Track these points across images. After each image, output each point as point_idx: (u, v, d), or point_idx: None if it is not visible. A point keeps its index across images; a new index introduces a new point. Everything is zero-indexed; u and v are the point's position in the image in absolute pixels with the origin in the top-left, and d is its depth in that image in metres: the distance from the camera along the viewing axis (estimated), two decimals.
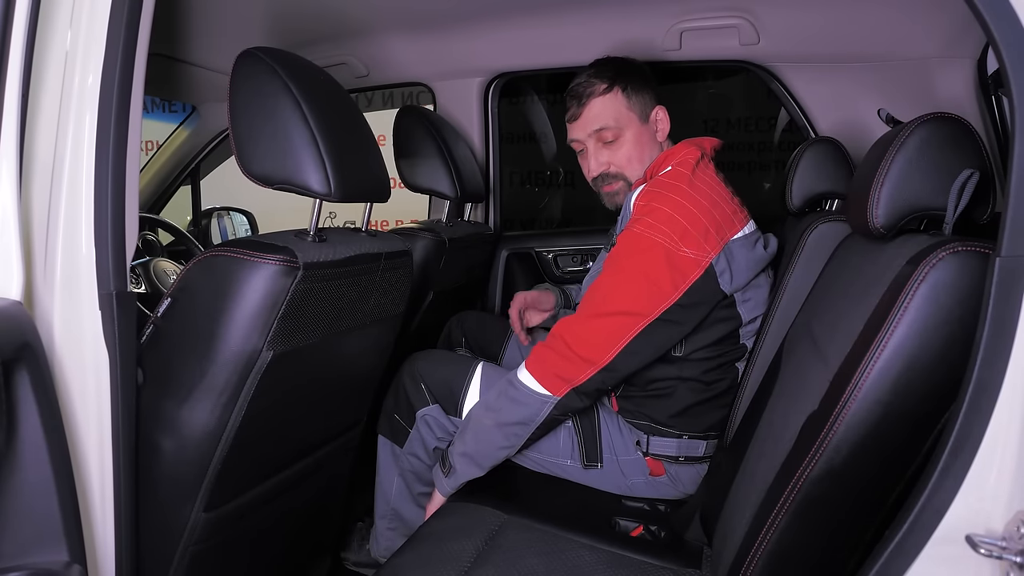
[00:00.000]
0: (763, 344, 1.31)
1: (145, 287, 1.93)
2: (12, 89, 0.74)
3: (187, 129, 2.36)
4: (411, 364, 1.45)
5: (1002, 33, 0.65)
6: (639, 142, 1.41)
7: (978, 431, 0.63)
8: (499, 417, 1.25)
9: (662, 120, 1.44)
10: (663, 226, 1.20)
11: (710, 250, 1.20)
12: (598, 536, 1.16)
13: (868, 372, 0.72)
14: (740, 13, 1.64)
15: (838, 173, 1.44)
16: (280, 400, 1.02)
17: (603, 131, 1.41)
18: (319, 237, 0.99)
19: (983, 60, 1.52)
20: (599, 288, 1.25)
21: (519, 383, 1.24)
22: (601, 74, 1.41)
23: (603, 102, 1.40)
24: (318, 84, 1.00)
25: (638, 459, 1.36)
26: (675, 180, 1.27)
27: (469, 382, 1.40)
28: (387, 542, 1.49)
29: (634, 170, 1.42)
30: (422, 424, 1.41)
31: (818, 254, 1.24)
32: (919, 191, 0.82)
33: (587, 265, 2.13)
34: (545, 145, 3.26)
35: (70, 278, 0.81)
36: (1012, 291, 0.62)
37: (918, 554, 0.65)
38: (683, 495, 1.37)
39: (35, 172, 0.80)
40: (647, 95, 1.43)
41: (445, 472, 1.30)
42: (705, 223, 1.21)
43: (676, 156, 1.34)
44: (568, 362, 1.21)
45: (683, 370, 1.32)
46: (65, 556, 0.71)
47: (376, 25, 1.85)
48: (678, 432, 1.34)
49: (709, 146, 1.38)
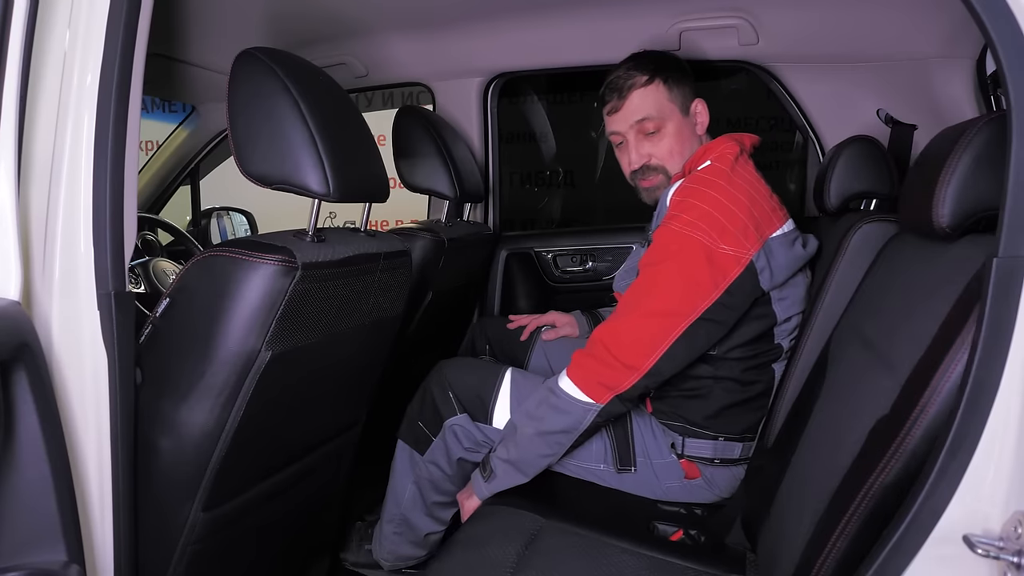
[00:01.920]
0: (805, 345, 1.29)
1: (144, 287, 1.93)
2: (10, 89, 0.74)
3: (186, 129, 2.35)
4: (439, 372, 1.43)
5: (999, 34, 0.65)
6: (680, 134, 1.39)
7: (975, 431, 0.63)
8: (541, 426, 1.23)
9: (701, 113, 1.42)
10: (701, 223, 1.18)
11: (750, 247, 1.18)
12: (638, 541, 1.14)
13: (948, 376, 0.68)
14: (739, 13, 1.64)
15: (877, 172, 1.40)
16: (278, 400, 1.02)
17: (645, 122, 1.38)
18: (318, 237, 0.99)
19: (982, 60, 1.52)
20: (638, 289, 1.23)
21: (560, 391, 1.22)
22: (641, 66, 1.39)
23: (644, 93, 1.38)
24: (317, 84, 1.00)
25: (672, 462, 1.34)
26: (713, 176, 1.25)
27: (498, 389, 1.38)
28: (391, 546, 1.49)
29: (675, 163, 1.39)
30: (449, 434, 1.39)
31: (863, 254, 1.22)
32: (988, 190, 0.78)
33: (587, 265, 2.13)
34: (545, 145, 3.26)
35: (68, 278, 0.81)
36: (1010, 291, 0.62)
37: (915, 554, 0.65)
38: (718, 498, 1.35)
39: (33, 172, 0.80)
40: (687, 87, 1.41)
41: (485, 477, 1.29)
42: (744, 220, 1.19)
43: (714, 151, 1.32)
44: (611, 369, 1.18)
45: (719, 370, 1.30)
46: (63, 556, 0.71)
47: (375, 25, 1.85)
48: (713, 434, 1.32)
49: (748, 142, 1.36)
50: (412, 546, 1.49)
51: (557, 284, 2.15)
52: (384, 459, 1.70)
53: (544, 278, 2.16)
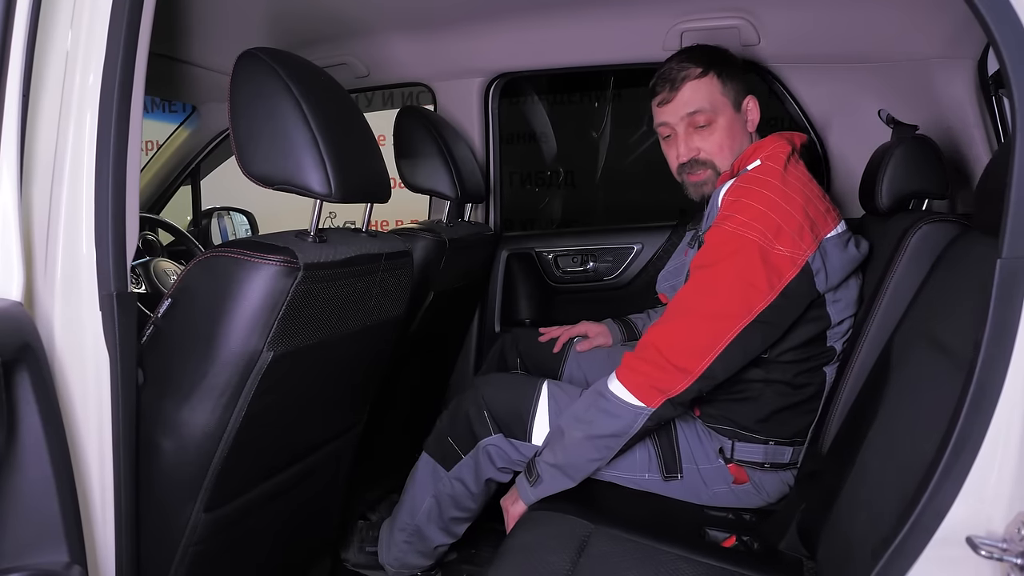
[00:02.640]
0: (862, 347, 1.25)
1: (145, 287, 1.93)
2: (13, 89, 0.74)
3: (187, 129, 2.35)
4: (476, 392, 1.40)
5: (1003, 33, 0.65)
6: (731, 130, 1.36)
7: (979, 432, 0.63)
8: (590, 429, 1.21)
9: (753, 110, 1.39)
10: (756, 223, 1.16)
11: (806, 248, 1.16)
12: (691, 547, 1.12)
13: None
14: (740, 14, 1.64)
15: (931, 172, 1.37)
16: (280, 401, 1.02)
17: (697, 114, 1.35)
18: (320, 238, 0.99)
19: (983, 61, 1.52)
20: (691, 291, 1.21)
21: (610, 394, 1.19)
22: (695, 58, 1.36)
23: (698, 86, 1.35)
24: (318, 84, 1.00)
25: (720, 467, 1.32)
26: (766, 175, 1.23)
27: (536, 403, 1.35)
28: (400, 554, 1.48)
29: (724, 159, 1.36)
30: (482, 455, 1.37)
31: (923, 256, 1.18)
32: None
33: (588, 265, 2.13)
34: (545, 145, 3.26)
35: (70, 279, 0.81)
36: (1014, 292, 0.62)
37: (919, 556, 0.65)
38: (766, 503, 1.33)
39: (36, 172, 0.80)
40: (740, 83, 1.38)
41: (532, 482, 1.26)
42: (800, 220, 1.17)
43: (765, 149, 1.30)
44: (663, 372, 1.16)
45: (770, 372, 1.28)
46: (65, 557, 0.71)
47: (376, 25, 1.85)
48: (764, 438, 1.30)
49: (798, 141, 1.34)
50: (420, 556, 1.48)
51: (558, 284, 2.15)
52: (384, 459, 1.70)
53: (545, 278, 2.16)
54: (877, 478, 0.94)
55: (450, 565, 1.60)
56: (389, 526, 1.52)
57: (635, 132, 3.34)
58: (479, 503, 1.44)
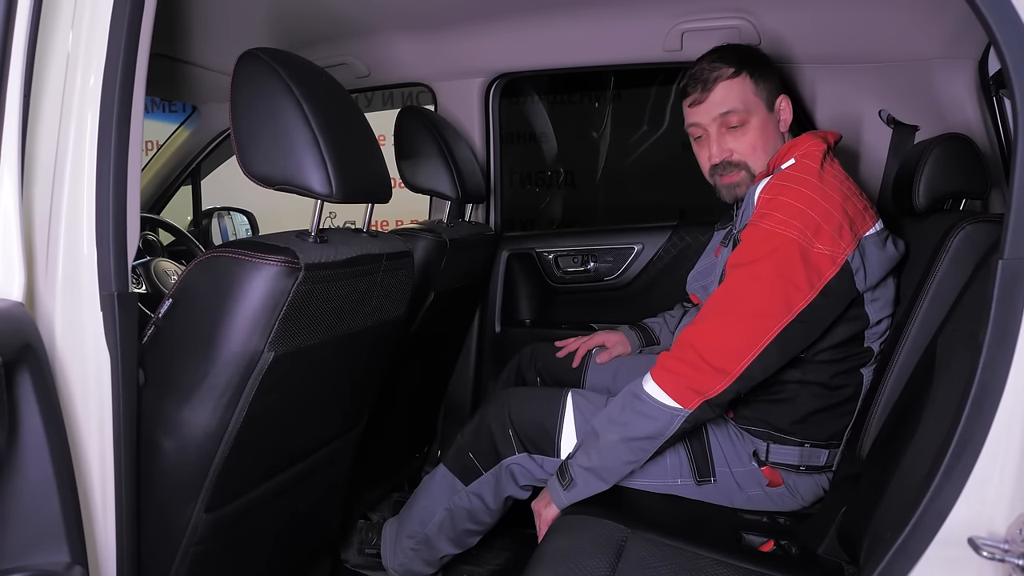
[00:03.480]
0: (903, 349, 1.23)
1: (146, 287, 1.93)
2: (14, 90, 0.74)
3: (188, 129, 2.35)
4: (500, 408, 1.38)
5: (1004, 33, 0.65)
6: (764, 130, 1.34)
7: (980, 434, 0.63)
8: (626, 432, 1.19)
9: (785, 110, 1.38)
10: (795, 221, 1.14)
11: (845, 246, 1.15)
12: (728, 552, 1.11)
13: None
14: (741, 14, 1.64)
15: (971, 171, 1.35)
16: (281, 401, 1.02)
17: (729, 115, 1.33)
18: (320, 238, 0.99)
19: (984, 61, 1.52)
20: (729, 290, 1.19)
21: (646, 396, 1.17)
22: (727, 58, 1.34)
23: (730, 86, 1.33)
24: (319, 85, 1.00)
25: (753, 470, 1.31)
26: (804, 173, 1.21)
27: (563, 417, 1.34)
28: (406, 560, 1.47)
29: (758, 160, 1.34)
30: (505, 474, 1.36)
31: (966, 257, 1.16)
32: None
33: (588, 266, 2.13)
34: (546, 145, 3.26)
35: (71, 279, 0.81)
36: (1015, 294, 0.62)
37: (920, 556, 0.65)
38: (801, 507, 1.32)
39: (37, 173, 0.80)
40: (772, 83, 1.37)
41: (564, 486, 1.24)
42: (839, 218, 1.16)
43: (800, 148, 1.28)
44: (700, 373, 1.14)
45: (806, 373, 1.26)
46: (66, 557, 0.71)
47: (377, 25, 1.85)
48: (800, 440, 1.28)
49: (833, 139, 1.33)
50: (425, 564, 1.48)
51: (558, 285, 2.15)
52: (385, 459, 1.70)
53: (545, 279, 2.16)
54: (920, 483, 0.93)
55: (451, 566, 1.60)
56: (394, 529, 1.50)
57: (635, 132, 3.34)
58: (495, 518, 1.42)
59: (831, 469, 1.31)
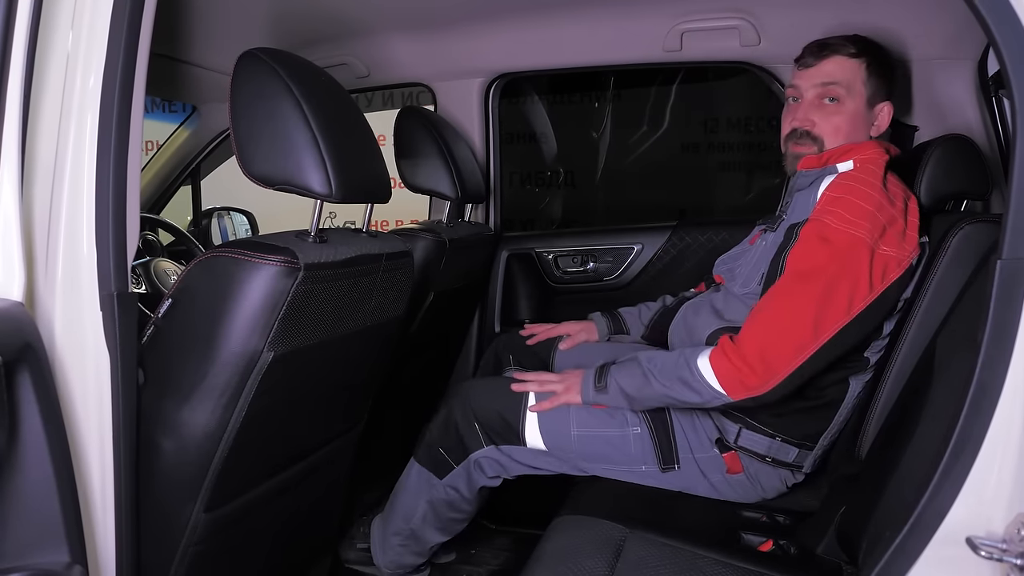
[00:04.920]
0: (901, 350, 1.24)
1: (146, 287, 1.93)
2: (14, 90, 0.74)
3: (187, 129, 2.35)
4: (463, 402, 1.38)
5: (1003, 34, 0.65)
6: (855, 120, 1.34)
7: (979, 433, 0.63)
8: (667, 391, 1.23)
9: (884, 117, 1.37)
10: (863, 221, 1.15)
11: (910, 251, 1.17)
12: (728, 552, 1.12)
13: None
14: (741, 14, 1.64)
15: (973, 172, 1.35)
16: (281, 401, 1.02)
17: (831, 86, 1.33)
18: (320, 238, 0.99)
19: (984, 61, 1.52)
20: (794, 287, 1.19)
21: (697, 372, 1.19)
22: (855, 41, 1.35)
23: (844, 62, 1.33)
24: (319, 85, 1.00)
25: (715, 456, 1.32)
26: (869, 176, 1.22)
27: (524, 406, 1.35)
28: (396, 556, 1.47)
29: (834, 144, 1.34)
30: (475, 468, 1.36)
31: (966, 258, 1.17)
32: None
33: (588, 266, 2.13)
34: (546, 145, 3.26)
35: (71, 279, 0.81)
36: (1013, 293, 0.62)
37: (918, 556, 0.65)
38: (761, 498, 1.34)
39: (37, 173, 0.80)
40: (885, 85, 1.36)
41: (599, 388, 1.28)
42: (903, 224, 1.18)
43: (860, 153, 1.29)
44: (753, 372, 1.15)
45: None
46: (66, 557, 0.71)
47: (377, 26, 1.85)
48: (772, 432, 1.29)
49: (893, 152, 1.34)
50: (415, 555, 1.48)
51: (558, 285, 2.15)
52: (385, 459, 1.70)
53: (545, 279, 2.16)
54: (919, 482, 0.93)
55: (449, 566, 1.60)
56: (381, 528, 1.51)
57: (635, 132, 3.34)
58: (475, 506, 1.44)
59: (799, 467, 1.33)
